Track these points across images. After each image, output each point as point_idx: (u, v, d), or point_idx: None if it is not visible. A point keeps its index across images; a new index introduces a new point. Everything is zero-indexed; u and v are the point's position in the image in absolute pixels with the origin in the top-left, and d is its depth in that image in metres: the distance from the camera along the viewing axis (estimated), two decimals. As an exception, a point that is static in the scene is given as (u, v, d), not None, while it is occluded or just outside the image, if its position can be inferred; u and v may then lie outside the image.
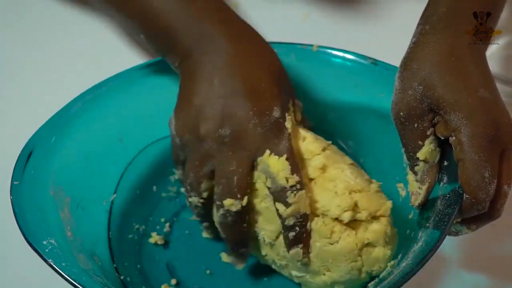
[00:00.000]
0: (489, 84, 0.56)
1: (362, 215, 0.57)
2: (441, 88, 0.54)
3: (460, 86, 0.54)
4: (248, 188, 0.59)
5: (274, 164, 0.57)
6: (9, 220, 0.58)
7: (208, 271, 0.67)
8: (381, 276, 0.58)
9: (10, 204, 0.58)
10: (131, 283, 0.64)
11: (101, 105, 0.67)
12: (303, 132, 0.61)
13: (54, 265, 0.54)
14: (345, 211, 0.57)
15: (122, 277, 0.64)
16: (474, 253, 0.69)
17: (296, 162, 0.58)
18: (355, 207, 0.57)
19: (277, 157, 0.57)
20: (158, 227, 0.70)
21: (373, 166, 0.71)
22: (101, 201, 0.68)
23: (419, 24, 0.59)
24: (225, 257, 0.67)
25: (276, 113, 0.59)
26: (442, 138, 0.56)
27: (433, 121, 0.56)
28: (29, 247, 0.56)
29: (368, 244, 0.58)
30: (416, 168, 0.57)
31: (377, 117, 0.68)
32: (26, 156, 0.61)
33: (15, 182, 0.60)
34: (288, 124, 0.59)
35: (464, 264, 0.68)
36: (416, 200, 0.58)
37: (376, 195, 0.59)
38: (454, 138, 0.54)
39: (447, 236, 0.54)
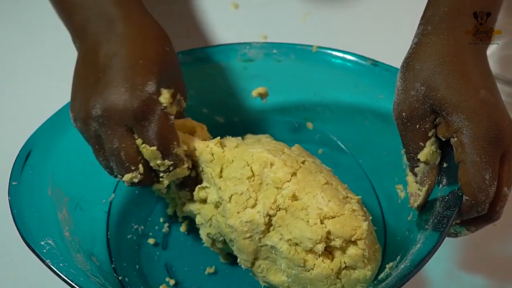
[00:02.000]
0: (490, 85, 0.55)
1: (336, 242, 0.56)
2: (444, 89, 0.54)
3: (463, 88, 0.54)
4: (139, 156, 0.59)
5: (146, 154, 0.58)
6: (7, 221, 0.58)
7: (206, 272, 0.66)
8: (379, 277, 0.58)
9: (8, 205, 0.58)
10: (129, 284, 0.64)
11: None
12: (270, 157, 0.59)
13: (51, 266, 0.54)
14: (317, 243, 0.55)
15: (120, 278, 0.64)
16: (474, 254, 0.68)
17: (168, 144, 0.58)
18: (328, 235, 0.56)
19: (148, 147, 0.57)
20: (157, 227, 0.70)
21: (372, 167, 0.71)
22: (100, 201, 0.68)
23: (420, 24, 0.59)
24: (223, 258, 0.67)
25: (150, 87, 0.57)
26: (444, 139, 0.55)
27: (435, 122, 0.56)
28: (27, 248, 0.56)
29: (346, 267, 0.57)
30: (416, 169, 0.57)
31: (377, 118, 0.68)
32: (24, 157, 0.61)
33: (14, 183, 0.60)
34: (164, 99, 0.58)
35: (464, 265, 0.68)
36: (416, 201, 0.57)
37: (351, 217, 0.57)
38: (455, 139, 0.54)
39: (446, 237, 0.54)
